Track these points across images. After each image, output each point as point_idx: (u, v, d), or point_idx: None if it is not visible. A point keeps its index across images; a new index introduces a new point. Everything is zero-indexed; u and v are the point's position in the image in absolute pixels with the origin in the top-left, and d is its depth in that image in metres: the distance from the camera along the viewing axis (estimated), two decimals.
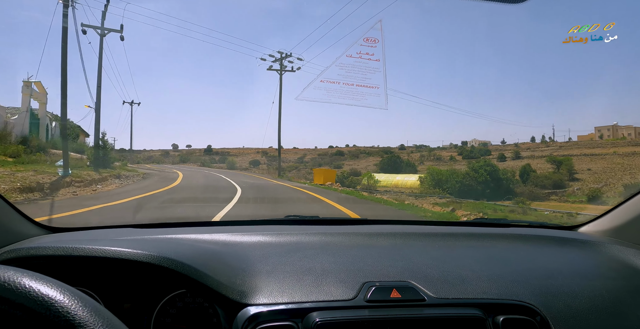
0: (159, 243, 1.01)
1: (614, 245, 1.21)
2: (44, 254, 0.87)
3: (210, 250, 1.04)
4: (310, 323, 0.80)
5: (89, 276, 0.92)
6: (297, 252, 1.06)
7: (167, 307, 0.92)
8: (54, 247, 0.88)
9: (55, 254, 0.87)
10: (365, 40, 1.94)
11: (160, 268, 0.86)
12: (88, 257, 0.87)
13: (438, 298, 0.88)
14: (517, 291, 0.93)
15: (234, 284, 0.88)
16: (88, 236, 1.14)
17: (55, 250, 0.87)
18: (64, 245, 0.88)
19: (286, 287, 0.89)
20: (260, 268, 0.96)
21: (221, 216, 5.97)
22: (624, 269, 1.10)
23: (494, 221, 1.67)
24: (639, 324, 0.92)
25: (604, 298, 0.95)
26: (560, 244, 1.25)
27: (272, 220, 1.44)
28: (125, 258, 0.87)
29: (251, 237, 1.16)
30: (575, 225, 1.44)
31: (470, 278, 0.97)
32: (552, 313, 0.88)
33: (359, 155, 46.31)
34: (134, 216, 6.20)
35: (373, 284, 0.90)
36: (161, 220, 1.72)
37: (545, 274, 1.03)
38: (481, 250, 1.20)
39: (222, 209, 6.74)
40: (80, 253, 0.87)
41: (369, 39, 1.95)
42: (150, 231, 1.21)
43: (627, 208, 1.26)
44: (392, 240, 1.23)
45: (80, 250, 0.87)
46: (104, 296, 0.92)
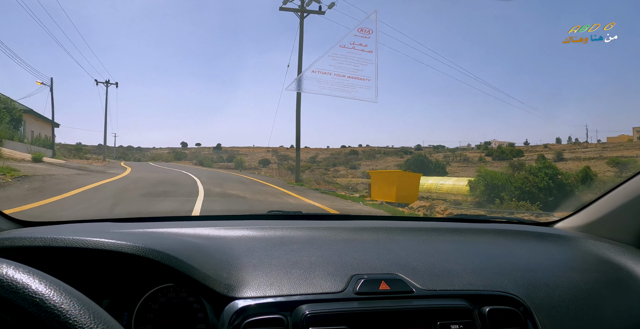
0: (141, 236, 0.97)
1: (587, 240, 1.25)
2: (19, 245, 0.83)
3: (194, 243, 1.01)
4: (299, 316, 0.79)
5: (65, 271, 0.81)
6: (283, 246, 1.05)
7: (149, 302, 0.87)
8: (32, 238, 0.83)
9: (33, 245, 0.82)
10: (359, 30, 1.93)
11: (144, 260, 0.83)
12: (68, 249, 0.82)
13: (426, 290, 0.90)
14: (501, 283, 0.95)
15: (221, 278, 0.86)
16: (64, 229, 1.03)
17: (32, 241, 0.82)
18: (42, 236, 0.83)
19: (274, 280, 0.88)
20: (246, 262, 0.94)
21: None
22: (599, 262, 1.14)
23: (474, 217, 1.73)
24: (614, 314, 0.96)
25: (582, 289, 0.99)
26: (539, 239, 1.28)
27: (255, 215, 1.42)
28: (109, 249, 0.83)
29: (235, 231, 1.13)
30: (551, 222, 1.50)
31: (455, 270, 0.98)
32: (535, 303, 0.92)
33: (375, 154, 43.40)
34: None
35: (361, 276, 0.90)
36: (141, 214, 1.31)
37: (527, 267, 1.05)
38: (464, 244, 1.21)
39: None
40: (60, 244, 0.82)
41: (363, 29, 1.94)
42: (131, 225, 1.17)
43: (599, 205, 1.32)
44: (376, 234, 1.22)
45: (61, 241, 0.82)
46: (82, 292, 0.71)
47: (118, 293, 0.88)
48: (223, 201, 7.95)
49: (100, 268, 0.88)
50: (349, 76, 1.88)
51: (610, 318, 0.96)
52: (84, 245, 0.82)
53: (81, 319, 0.41)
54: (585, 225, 1.35)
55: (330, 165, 35.17)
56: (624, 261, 1.13)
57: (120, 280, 0.89)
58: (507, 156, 31.53)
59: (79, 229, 1.06)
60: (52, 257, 0.84)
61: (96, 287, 0.86)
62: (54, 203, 5.94)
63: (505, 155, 32.12)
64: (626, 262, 1.12)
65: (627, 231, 1.23)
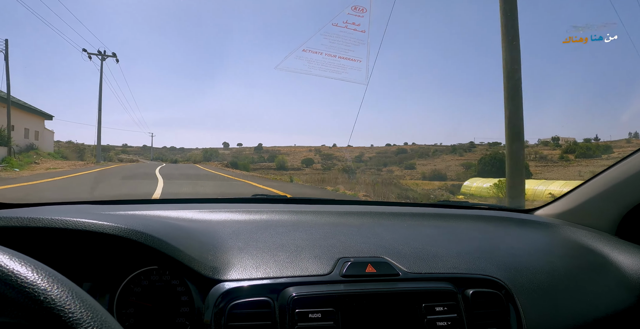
0: (124, 218, 0.93)
1: (566, 226, 1.29)
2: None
3: (178, 225, 0.99)
4: (286, 298, 0.79)
5: (43, 253, 0.77)
6: (269, 229, 1.05)
7: (131, 285, 0.86)
8: (7, 218, 0.78)
9: (8, 225, 0.77)
10: (353, 8, 1.88)
11: (127, 242, 0.80)
12: (46, 229, 0.78)
13: (411, 273, 0.91)
14: (484, 267, 0.97)
15: (206, 260, 0.85)
16: (43, 210, 0.98)
17: (8, 221, 0.77)
18: (19, 216, 0.78)
19: (260, 263, 0.87)
20: (231, 244, 0.93)
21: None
22: (578, 248, 1.18)
23: (458, 204, 1.70)
24: (591, 297, 0.99)
25: (562, 274, 1.02)
26: (520, 225, 1.31)
27: (240, 198, 1.40)
28: (90, 230, 0.79)
29: (219, 215, 1.13)
30: (532, 209, 1.51)
31: (440, 254, 1.00)
32: (516, 286, 0.94)
33: (425, 153, 39.30)
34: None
35: (348, 259, 0.90)
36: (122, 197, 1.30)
37: (509, 251, 1.08)
38: (448, 228, 1.23)
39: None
40: (38, 224, 0.78)
41: (357, 7, 1.88)
42: (113, 207, 1.13)
43: (578, 194, 1.35)
44: (362, 218, 1.23)
45: (39, 221, 0.78)
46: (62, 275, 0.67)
47: (99, 276, 0.86)
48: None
49: (81, 251, 0.85)
50: (340, 56, 1.81)
51: (588, 301, 0.99)
52: (63, 225, 0.79)
53: (65, 303, 0.40)
54: (564, 212, 1.39)
55: (381, 165, 31.73)
56: (600, 247, 1.17)
57: (101, 263, 0.87)
58: (594, 153, 26.43)
59: (59, 210, 1.03)
60: (29, 239, 0.80)
61: (77, 270, 0.84)
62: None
63: (592, 152, 26.98)
64: (603, 248, 1.17)
65: (603, 219, 1.28)
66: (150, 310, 0.85)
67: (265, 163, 36.94)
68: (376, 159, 38.93)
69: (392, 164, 32.13)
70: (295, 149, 50.20)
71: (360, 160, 41.21)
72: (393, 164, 32.02)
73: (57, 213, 0.82)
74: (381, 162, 33.73)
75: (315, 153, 45.46)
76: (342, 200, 1.46)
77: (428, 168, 27.53)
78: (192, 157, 39.80)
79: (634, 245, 1.16)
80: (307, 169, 34.23)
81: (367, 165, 32.43)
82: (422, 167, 28.25)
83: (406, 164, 30.56)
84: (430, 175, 20.90)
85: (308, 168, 34.30)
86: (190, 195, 4.36)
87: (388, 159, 36.34)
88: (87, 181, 8.97)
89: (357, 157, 43.06)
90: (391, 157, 37.98)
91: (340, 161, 42.19)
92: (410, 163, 30.99)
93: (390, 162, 33.92)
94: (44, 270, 0.42)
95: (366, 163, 34.99)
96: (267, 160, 39.08)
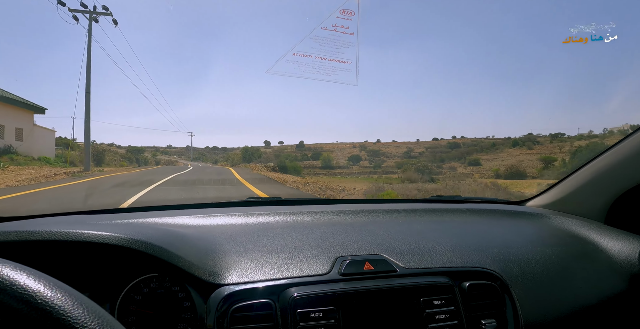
0: (122, 226, 0.94)
1: (557, 216, 1.32)
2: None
3: (175, 232, 0.98)
4: (287, 299, 0.79)
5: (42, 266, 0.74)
6: (265, 232, 1.05)
7: (131, 294, 0.86)
8: (5, 232, 0.77)
9: (7, 240, 0.76)
10: (341, 12, 1.89)
11: (126, 250, 0.80)
12: (45, 242, 0.77)
13: (408, 269, 0.92)
14: (479, 259, 0.99)
15: (206, 265, 0.85)
16: (40, 223, 0.99)
17: (6, 235, 0.76)
18: (17, 229, 0.78)
19: (259, 265, 0.88)
20: (229, 249, 0.93)
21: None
22: (568, 237, 1.20)
23: (450, 198, 1.73)
24: (583, 284, 1.02)
25: (554, 263, 1.04)
26: (512, 217, 1.33)
27: (234, 202, 1.40)
28: (90, 240, 0.79)
29: (214, 219, 1.13)
30: (522, 200, 1.55)
31: (435, 249, 1.01)
32: (511, 277, 0.96)
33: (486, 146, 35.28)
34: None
35: (345, 258, 0.91)
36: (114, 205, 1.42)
37: (502, 243, 1.09)
38: (441, 223, 1.24)
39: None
40: (38, 237, 0.77)
41: (345, 11, 1.89)
42: (109, 216, 1.13)
43: (567, 184, 1.39)
44: (356, 217, 1.23)
45: (38, 234, 0.77)
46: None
47: (99, 286, 0.85)
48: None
49: (80, 261, 0.84)
50: (330, 59, 1.85)
51: (580, 288, 1.01)
52: (63, 237, 0.78)
53: (75, 314, 0.39)
54: (555, 202, 1.42)
55: (438, 161, 28.49)
56: (590, 236, 1.19)
57: (100, 272, 0.86)
58: None
59: (56, 222, 1.00)
60: (28, 252, 0.79)
61: (75, 280, 0.81)
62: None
63: None
64: (593, 236, 1.18)
65: (592, 207, 1.30)
66: (152, 317, 0.83)
67: (309, 161, 34.84)
68: (428, 155, 35.67)
69: (450, 160, 28.81)
70: (338, 146, 47.86)
71: (409, 156, 38.20)
72: (451, 160, 28.70)
73: (55, 225, 0.81)
74: (437, 158, 30.41)
75: (361, 149, 42.98)
76: (336, 199, 1.35)
77: (495, 164, 24.07)
78: (231, 157, 37.67)
79: (622, 232, 1.18)
80: (354, 167, 31.82)
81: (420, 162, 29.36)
82: (488, 163, 24.82)
83: (469, 160, 27.09)
84: (506, 172, 17.62)
85: (355, 166, 31.87)
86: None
87: (444, 154, 32.89)
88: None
89: (405, 153, 40.09)
90: (446, 152, 34.47)
91: (389, 157, 39.50)
92: (474, 159, 27.43)
93: (447, 157, 30.48)
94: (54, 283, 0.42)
95: (418, 159, 31.86)
96: (310, 158, 36.99)
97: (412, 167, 17.79)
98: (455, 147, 38.60)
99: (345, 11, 1.86)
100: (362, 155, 37.63)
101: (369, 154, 39.76)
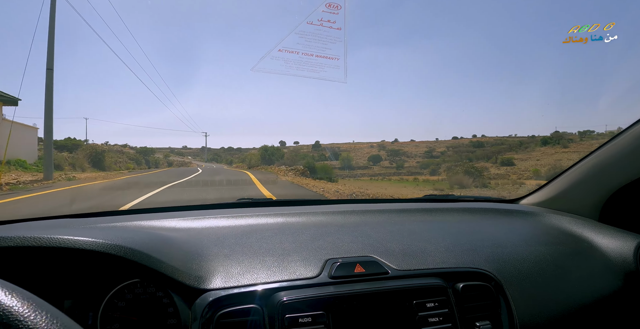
0: (103, 231, 0.92)
1: (551, 214, 1.30)
2: None
3: (160, 235, 0.96)
4: (275, 304, 0.77)
5: (19, 273, 0.78)
6: (254, 234, 1.03)
7: (114, 300, 0.84)
8: None
9: None
10: (327, 5, 1.82)
11: (106, 256, 0.78)
12: (20, 248, 0.75)
13: (400, 270, 0.90)
14: (473, 260, 0.96)
15: (190, 270, 0.83)
16: (17, 228, 0.96)
17: None
18: None
19: (246, 269, 0.86)
20: (216, 252, 0.91)
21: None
22: (562, 235, 1.18)
23: (442, 197, 1.70)
24: (577, 282, 1.00)
25: (548, 261, 1.02)
26: (505, 215, 1.31)
27: (224, 204, 1.35)
28: (65, 246, 0.76)
29: (203, 222, 1.11)
30: (516, 198, 1.52)
31: (428, 249, 0.99)
32: (505, 277, 0.94)
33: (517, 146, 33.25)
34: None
35: (336, 260, 0.90)
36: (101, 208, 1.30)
37: (495, 243, 1.07)
38: (434, 223, 1.22)
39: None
40: (10, 244, 0.75)
41: (331, 4, 1.83)
42: (92, 220, 1.10)
43: (560, 182, 1.36)
44: (348, 217, 1.22)
45: (10, 240, 0.75)
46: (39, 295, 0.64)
47: (81, 293, 0.83)
48: None
49: (60, 267, 0.82)
50: (317, 55, 1.79)
51: (574, 286, 0.99)
52: (36, 243, 0.76)
53: (36, 323, 0.38)
54: (548, 200, 1.39)
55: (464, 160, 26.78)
56: (585, 233, 1.18)
57: (82, 279, 0.84)
58: None
59: (33, 226, 0.99)
60: (3, 259, 0.77)
61: (56, 288, 0.81)
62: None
63: None
64: (587, 234, 1.17)
65: (585, 205, 1.29)
66: (136, 324, 0.82)
67: (328, 162, 33.51)
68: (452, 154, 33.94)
69: (477, 159, 27.07)
70: (354, 146, 46.47)
71: (431, 156, 36.55)
72: (479, 159, 26.95)
73: (30, 230, 0.79)
74: (462, 157, 28.67)
75: (379, 149, 41.47)
76: (327, 199, 1.34)
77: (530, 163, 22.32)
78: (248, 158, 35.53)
79: (617, 229, 1.17)
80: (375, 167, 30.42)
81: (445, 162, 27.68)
82: (522, 163, 23.04)
83: (501, 159, 25.28)
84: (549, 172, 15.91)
85: (376, 166, 30.48)
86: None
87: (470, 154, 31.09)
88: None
89: (426, 153, 38.42)
90: (471, 151, 32.66)
91: (410, 157, 37.90)
92: (507, 159, 25.59)
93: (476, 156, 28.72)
94: (14, 291, 0.41)
95: (443, 159, 30.17)
96: (328, 159, 35.67)
97: (459, 169, 16.13)
98: (479, 145, 36.69)
99: (331, 5, 1.79)
100: (382, 155, 36.10)
101: (389, 154, 38.25)
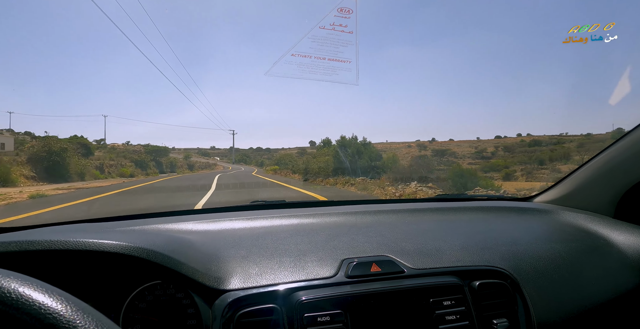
0: (124, 234, 0.93)
1: (565, 211, 1.30)
2: None
3: (178, 238, 0.97)
4: (293, 303, 0.78)
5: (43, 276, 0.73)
6: (270, 235, 1.04)
7: (135, 302, 0.85)
8: (5, 242, 0.76)
9: (7, 250, 0.74)
10: (339, 10, 1.86)
11: (129, 258, 0.79)
12: (45, 251, 0.76)
13: (416, 269, 0.90)
14: (488, 258, 0.96)
15: (210, 271, 0.84)
16: (40, 233, 0.95)
17: (6, 246, 0.75)
18: (17, 240, 0.77)
19: (264, 270, 0.87)
20: (234, 254, 0.92)
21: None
22: (577, 232, 1.18)
23: (455, 196, 1.68)
24: (594, 280, 1.00)
25: (563, 258, 1.02)
26: (519, 213, 1.31)
27: (239, 206, 1.38)
28: (90, 249, 0.78)
29: (218, 224, 1.12)
30: (529, 196, 1.52)
31: (443, 248, 0.99)
32: (521, 274, 0.94)
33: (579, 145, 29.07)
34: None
35: (352, 260, 0.90)
36: (118, 213, 1.27)
37: (511, 240, 1.07)
38: (448, 222, 1.22)
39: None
40: (37, 247, 0.76)
41: (343, 9, 1.86)
42: (110, 224, 1.11)
43: (574, 179, 1.36)
44: (362, 218, 1.22)
45: (38, 244, 0.76)
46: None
47: (102, 295, 0.84)
48: None
49: (81, 270, 0.83)
50: (329, 58, 1.83)
51: (591, 283, 0.98)
52: (63, 247, 0.77)
53: (80, 324, 0.39)
54: (562, 197, 1.39)
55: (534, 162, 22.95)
56: (600, 230, 1.17)
57: (103, 281, 0.85)
58: None
59: (56, 231, 1.00)
60: (29, 263, 0.78)
61: (78, 290, 0.79)
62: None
63: None
64: (602, 231, 1.16)
65: (601, 202, 1.27)
66: (157, 325, 0.82)
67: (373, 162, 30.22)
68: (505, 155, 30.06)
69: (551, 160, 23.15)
70: (390, 145, 43.00)
71: (482, 157, 32.71)
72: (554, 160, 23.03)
73: (55, 234, 0.80)
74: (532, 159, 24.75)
75: (420, 148, 37.88)
76: (340, 201, 1.44)
77: None
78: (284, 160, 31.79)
79: (633, 225, 1.17)
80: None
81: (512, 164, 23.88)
82: None
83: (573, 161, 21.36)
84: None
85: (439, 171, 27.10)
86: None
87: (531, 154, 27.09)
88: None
89: (476, 153, 34.60)
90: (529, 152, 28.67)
91: (458, 158, 34.27)
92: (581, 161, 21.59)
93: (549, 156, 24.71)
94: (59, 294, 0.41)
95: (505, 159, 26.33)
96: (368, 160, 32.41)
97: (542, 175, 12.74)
98: (535, 144, 32.58)
99: (342, 9, 1.82)
100: (428, 156, 32.52)
101: (434, 154, 34.58)
